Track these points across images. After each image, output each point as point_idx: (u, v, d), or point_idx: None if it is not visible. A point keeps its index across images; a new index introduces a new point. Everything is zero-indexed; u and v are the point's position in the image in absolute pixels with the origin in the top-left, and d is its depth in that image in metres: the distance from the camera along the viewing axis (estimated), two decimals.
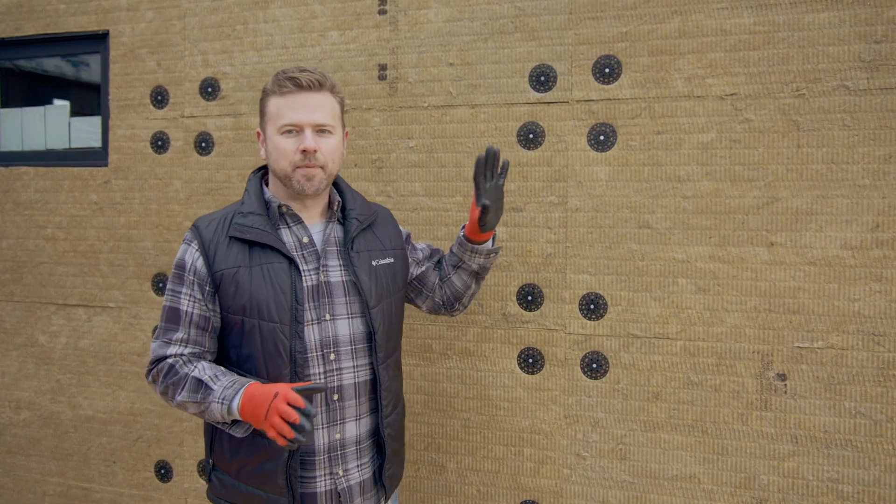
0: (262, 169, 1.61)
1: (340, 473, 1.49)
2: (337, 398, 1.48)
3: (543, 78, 1.96)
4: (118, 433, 2.45)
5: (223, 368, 1.45)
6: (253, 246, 1.45)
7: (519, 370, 2.01)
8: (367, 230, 1.58)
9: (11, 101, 2.73)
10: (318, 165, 1.46)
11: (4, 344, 2.58)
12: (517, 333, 2.01)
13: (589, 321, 1.95)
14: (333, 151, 1.49)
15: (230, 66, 2.25)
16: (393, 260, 1.61)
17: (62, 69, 2.81)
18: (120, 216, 2.40)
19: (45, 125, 2.62)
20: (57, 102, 2.75)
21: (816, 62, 1.75)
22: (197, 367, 1.42)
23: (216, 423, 1.43)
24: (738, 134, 1.81)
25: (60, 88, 2.86)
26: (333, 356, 1.47)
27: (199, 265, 1.45)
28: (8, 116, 2.67)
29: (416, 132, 2.08)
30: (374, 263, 1.55)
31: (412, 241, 1.77)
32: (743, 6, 1.80)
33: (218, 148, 2.28)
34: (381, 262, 1.57)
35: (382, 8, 2.08)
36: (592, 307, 1.94)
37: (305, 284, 1.45)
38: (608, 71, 1.91)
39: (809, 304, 1.78)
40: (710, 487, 1.87)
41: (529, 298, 1.99)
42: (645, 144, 1.88)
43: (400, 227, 1.72)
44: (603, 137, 1.92)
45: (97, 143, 2.50)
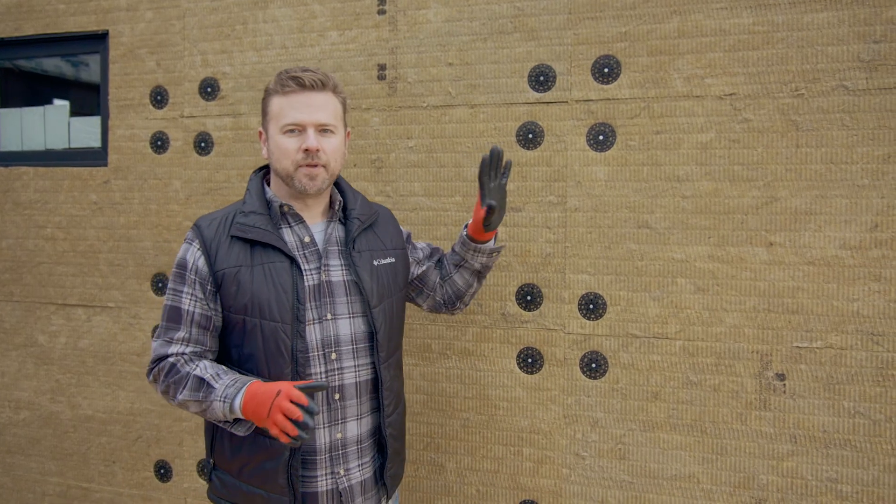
0: (263, 168, 1.61)
1: (342, 473, 1.49)
2: (338, 397, 1.48)
3: (542, 78, 1.96)
4: (118, 433, 2.45)
5: (224, 367, 1.45)
6: (254, 245, 1.45)
7: (518, 370, 2.01)
8: (368, 230, 1.59)
9: (11, 101, 2.73)
10: (320, 164, 1.46)
11: (4, 344, 2.58)
12: (516, 333, 2.01)
13: (588, 321, 1.95)
14: (336, 151, 1.49)
15: (230, 66, 2.25)
16: (394, 260, 1.61)
17: (62, 69, 2.81)
18: (119, 216, 2.40)
19: (44, 125, 2.62)
20: (56, 102, 2.75)
21: (815, 62, 1.75)
22: (198, 365, 1.42)
23: (218, 421, 1.43)
24: (737, 134, 1.82)
25: (60, 88, 2.86)
26: (335, 355, 1.47)
27: (200, 264, 1.45)
28: (7, 116, 2.67)
29: (415, 132, 2.08)
30: (375, 263, 1.55)
31: (412, 240, 1.77)
32: (742, 6, 1.80)
33: (217, 148, 2.28)
34: (382, 261, 1.57)
35: (381, 8, 2.08)
36: (591, 307, 1.94)
37: (307, 284, 1.46)
38: (607, 71, 1.91)
39: (808, 303, 1.78)
40: (709, 487, 1.87)
41: (529, 298, 1.99)
42: (644, 144, 1.88)
43: (400, 226, 1.72)
44: (602, 137, 1.92)
45: (97, 143, 2.51)
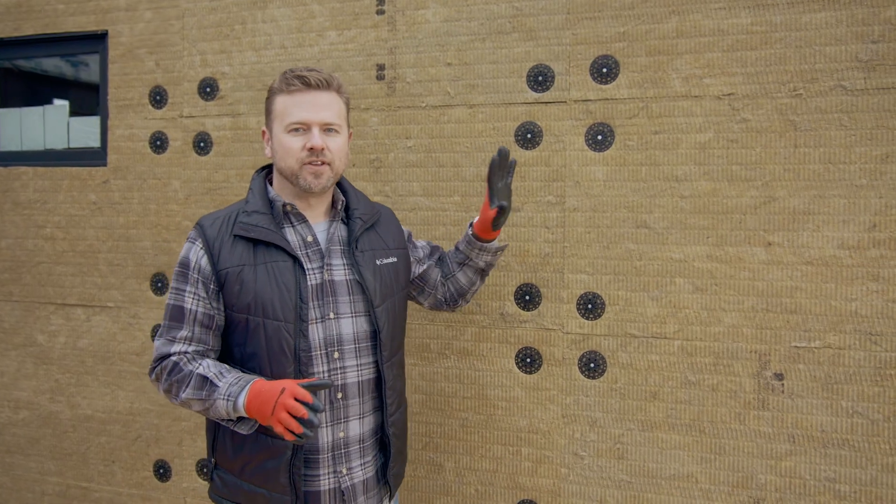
0: (265, 168, 1.61)
1: (344, 472, 1.49)
2: (341, 396, 1.48)
3: (541, 78, 1.96)
4: (117, 433, 2.45)
5: (227, 366, 1.46)
6: (257, 244, 1.46)
7: (517, 370, 2.01)
8: (370, 230, 1.59)
9: (10, 100, 2.73)
10: (325, 163, 1.46)
11: (3, 343, 2.58)
12: (515, 333, 2.01)
13: (587, 321, 1.95)
14: (340, 150, 1.50)
15: (229, 66, 2.25)
16: (396, 259, 1.62)
17: (61, 69, 2.81)
18: (119, 216, 2.40)
19: (44, 125, 2.62)
20: (56, 102, 2.75)
21: (813, 62, 1.75)
22: (201, 364, 1.43)
23: (220, 420, 1.43)
24: (735, 134, 1.82)
25: (59, 88, 2.87)
26: (337, 354, 1.47)
27: (203, 263, 1.45)
28: (7, 116, 2.67)
29: (414, 132, 2.08)
30: (378, 263, 1.56)
31: (413, 239, 1.78)
32: (740, 6, 1.80)
33: (216, 148, 2.28)
34: (384, 261, 1.58)
35: (380, 8, 2.08)
36: (590, 307, 1.94)
37: (310, 283, 1.46)
38: (606, 71, 1.91)
39: (807, 303, 1.78)
40: (707, 487, 1.87)
41: (527, 298, 2.00)
42: (642, 144, 1.89)
43: (401, 226, 1.73)
44: (601, 137, 1.92)
45: (96, 142, 2.51)
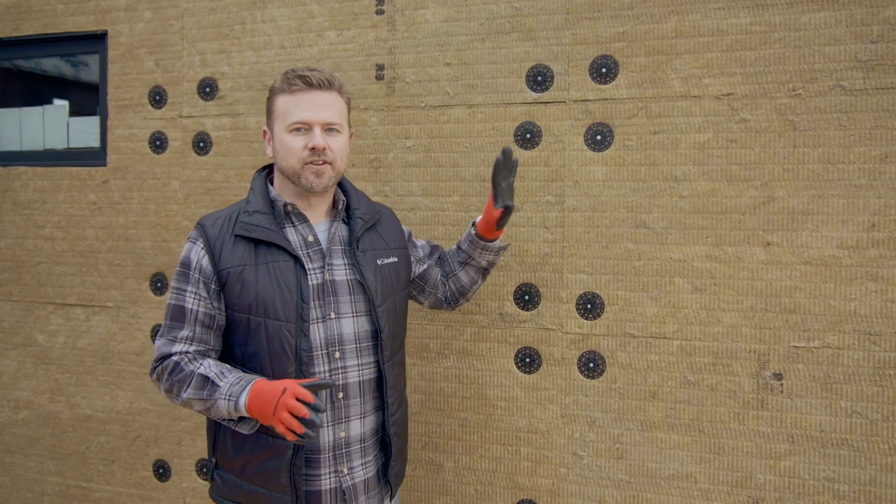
0: (266, 168, 1.61)
1: (345, 471, 1.49)
2: (342, 396, 1.48)
3: (540, 78, 1.96)
4: (116, 432, 2.45)
5: (228, 366, 1.46)
6: (258, 244, 1.46)
7: (516, 369, 2.01)
8: (371, 229, 1.59)
9: (10, 100, 2.73)
10: (327, 162, 1.47)
11: (3, 343, 2.59)
12: (514, 333, 2.01)
13: (586, 321, 1.95)
14: (341, 150, 1.51)
15: (228, 66, 2.25)
16: (397, 259, 1.62)
17: (61, 69, 2.81)
18: (118, 216, 2.41)
19: (43, 125, 2.62)
20: (56, 102, 2.76)
21: (813, 62, 1.75)
22: (202, 364, 1.43)
23: (222, 419, 1.44)
24: (734, 134, 1.82)
25: (59, 88, 2.87)
26: (338, 354, 1.48)
27: (204, 263, 1.45)
28: (6, 116, 2.67)
29: (413, 132, 2.08)
30: (379, 262, 1.56)
31: (412, 238, 1.78)
32: (739, 6, 1.80)
33: (216, 148, 2.28)
34: (385, 261, 1.58)
35: (380, 8, 2.08)
36: (589, 307, 1.94)
37: (311, 283, 1.46)
38: (605, 71, 1.91)
39: (806, 303, 1.78)
40: (706, 486, 1.87)
41: (526, 298, 2.00)
42: (642, 144, 1.89)
43: (401, 225, 1.73)
44: (600, 137, 1.92)
45: (96, 142, 2.51)
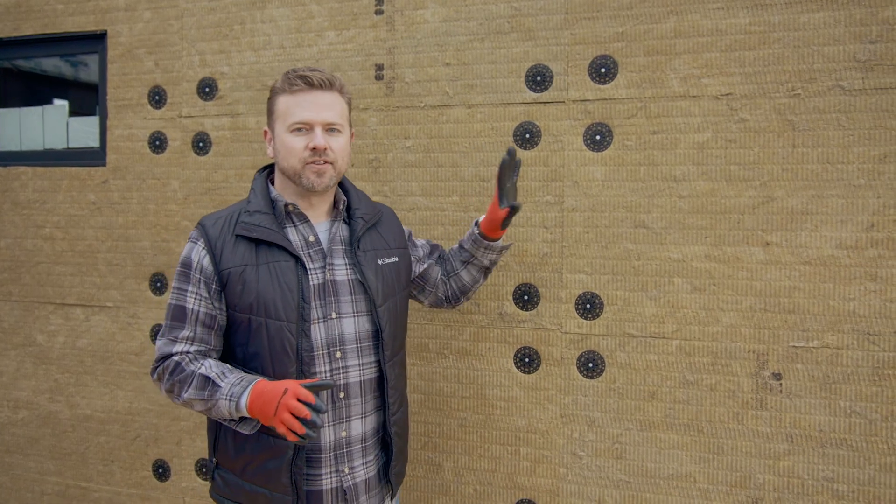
0: (266, 168, 1.61)
1: (346, 471, 1.49)
2: (343, 396, 1.48)
3: (540, 78, 1.96)
4: (116, 432, 2.45)
5: (229, 366, 1.46)
6: (259, 244, 1.46)
7: (515, 369, 2.01)
8: (372, 229, 1.60)
9: (10, 100, 2.73)
10: (328, 162, 1.47)
11: (2, 343, 2.59)
12: (513, 333, 2.01)
13: (585, 320, 1.95)
14: (342, 150, 1.51)
15: (228, 66, 2.25)
16: (397, 259, 1.62)
17: (60, 69, 2.81)
18: (118, 216, 2.41)
19: (43, 125, 2.62)
20: (55, 102, 2.76)
21: (812, 62, 1.76)
22: (203, 364, 1.43)
23: (223, 420, 1.44)
24: (733, 134, 1.82)
25: (59, 88, 2.87)
26: (339, 354, 1.48)
27: (205, 263, 1.45)
28: (6, 116, 2.67)
29: (412, 132, 2.08)
30: (380, 262, 1.56)
31: (412, 238, 1.79)
32: (738, 6, 1.80)
33: (215, 148, 2.28)
34: (386, 261, 1.58)
35: (379, 8, 2.09)
36: (588, 307, 1.94)
37: (312, 283, 1.46)
38: (604, 71, 1.91)
39: (805, 303, 1.78)
40: (705, 486, 1.87)
41: (526, 298, 2.00)
42: (641, 144, 1.89)
43: (402, 225, 1.73)
44: (599, 137, 1.92)
45: (95, 143, 2.51)
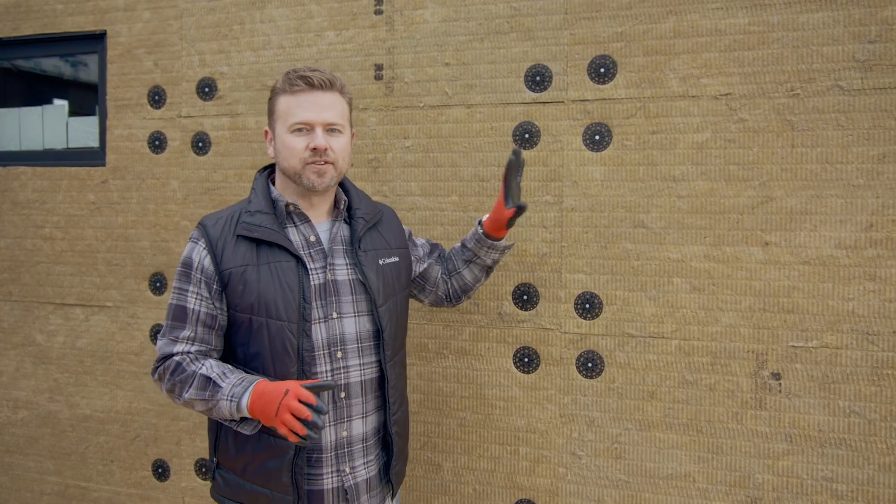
0: (267, 168, 1.61)
1: (347, 471, 1.49)
2: (344, 396, 1.49)
3: (539, 78, 1.96)
4: (116, 432, 2.46)
5: (230, 366, 1.46)
6: (260, 244, 1.46)
7: (514, 369, 2.01)
8: (372, 229, 1.60)
9: (9, 100, 2.73)
10: (329, 162, 1.47)
11: (2, 343, 2.59)
12: (513, 333, 2.01)
13: (584, 320, 1.95)
14: (343, 150, 1.51)
15: (227, 66, 2.25)
16: (398, 259, 1.62)
17: (60, 69, 2.82)
18: (117, 216, 2.41)
19: (42, 125, 2.62)
20: (55, 102, 2.76)
21: (811, 62, 1.76)
22: (204, 364, 1.43)
23: (224, 420, 1.44)
24: (732, 134, 1.82)
25: (58, 88, 2.87)
26: (340, 354, 1.48)
27: (206, 263, 1.45)
28: (6, 116, 2.67)
29: (412, 132, 2.08)
30: (381, 262, 1.56)
31: (412, 237, 1.79)
32: (738, 6, 1.80)
33: (215, 148, 2.28)
34: (387, 260, 1.58)
35: (378, 8, 2.09)
36: (588, 306, 1.95)
37: (313, 283, 1.46)
38: (603, 71, 1.91)
39: (804, 303, 1.78)
40: (704, 486, 1.87)
41: (525, 298, 2.00)
42: (640, 144, 1.89)
43: (402, 225, 1.73)
44: (598, 137, 1.92)
45: (95, 142, 2.51)
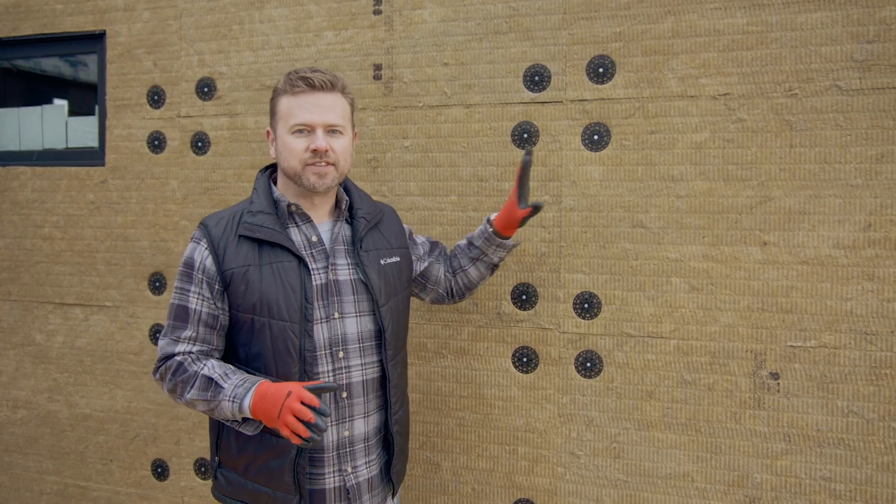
0: (268, 168, 1.61)
1: (349, 470, 1.50)
2: (346, 395, 1.49)
3: (538, 78, 1.96)
4: (115, 432, 2.46)
5: (232, 367, 1.46)
6: (262, 245, 1.46)
7: (513, 369, 2.01)
8: (374, 229, 1.60)
9: (9, 100, 2.74)
10: (330, 163, 1.47)
11: (2, 343, 2.59)
12: (512, 332, 2.01)
13: (583, 320, 1.95)
14: (344, 151, 1.50)
15: (226, 66, 2.25)
16: (399, 259, 1.63)
17: (59, 69, 2.82)
18: (117, 216, 2.41)
19: (42, 125, 2.62)
20: (54, 102, 2.76)
21: (809, 62, 1.76)
22: (206, 365, 1.43)
23: (226, 420, 1.44)
24: (731, 133, 1.82)
25: (58, 88, 2.87)
26: (342, 354, 1.48)
27: (208, 263, 1.45)
28: (5, 116, 2.68)
29: (411, 132, 2.08)
30: (382, 262, 1.57)
31: (413, 236, 1.79)
32: (736, 6, 1.80)
33: (214, 148, 2.28)
34: (388, 260, 1.59)
35: (377, 8, 2.09)
36: (586, 306, 1.95)
37: (314, 283, 1.46)
38: (602, 71, 1.91)
39: (802, 303, 1.78)
40: (703, 486, 1.87)
41: (524, 297, 2.00)
42: (638, 144, 1.89)
43: (402, 224, 1.73)
44: (597, 137, 1.92)
45: (94, 142, 2.51)
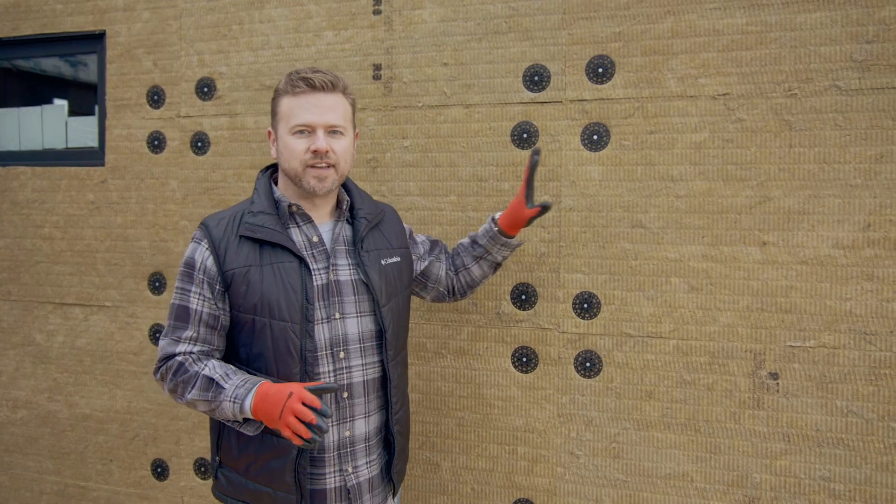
0: (269, 168, 1.61)
1: (350, 470, 1.50)
2: (346, 396, 1.49)
3: (537, 78, 1.97)
4: (115, 432, 2.46)
5: (233, 367, 1.46)
6: (263, 245, 1.46)
7: (513, 369, 2.02)
8: (374, 229, 1.60)
9: (9, 100, 2.74)
10: (330, 165, 1.47)
11: (1, 343, 2.59)
12: (511, 332, 2.01)
13: (582, 320, 1.95)
14: (345, 152, 1.50)
15: (226, 66, 2.25)
16: (400, 259, 1.63)
17: (59, 69, 2.82)
18: (116, 216, 2.41)
19: (42, 125, 2.62)
20: (54, 102, 2.76)
21: (808, 62, 1.76)
22: (207, 365, 1.43)
23: (227, 421, 1.44)
24: (730, 133, 1.82)
25: (58, 88, 2.87)
26: (343, 354, 1.48)
27: (209, 264, 1.45)
28: (5, 116, 2.68)
29: (410, 132, 2.08)
30: (383, 262, 1.57)
31: (413, 235, 1.79)
32: (735, 6, 1.80)
33: (214, 148, 2.28)
34: (389, 260, 1.59)
35: (377, 8, 2.09)
36: (586, 306, 1.95)
37: (315, 283, 1.46)
38: (601, 71, 1.91)
39: (801, 303, 1.78)
40: (702, 486, 1.87)
41: (523, 297, 2.00)
42: (638, 144, 1.89)
43: (403, 224, 1.73)
44: (596, 137, 1.92)
45: (94, 142, 2.51)
